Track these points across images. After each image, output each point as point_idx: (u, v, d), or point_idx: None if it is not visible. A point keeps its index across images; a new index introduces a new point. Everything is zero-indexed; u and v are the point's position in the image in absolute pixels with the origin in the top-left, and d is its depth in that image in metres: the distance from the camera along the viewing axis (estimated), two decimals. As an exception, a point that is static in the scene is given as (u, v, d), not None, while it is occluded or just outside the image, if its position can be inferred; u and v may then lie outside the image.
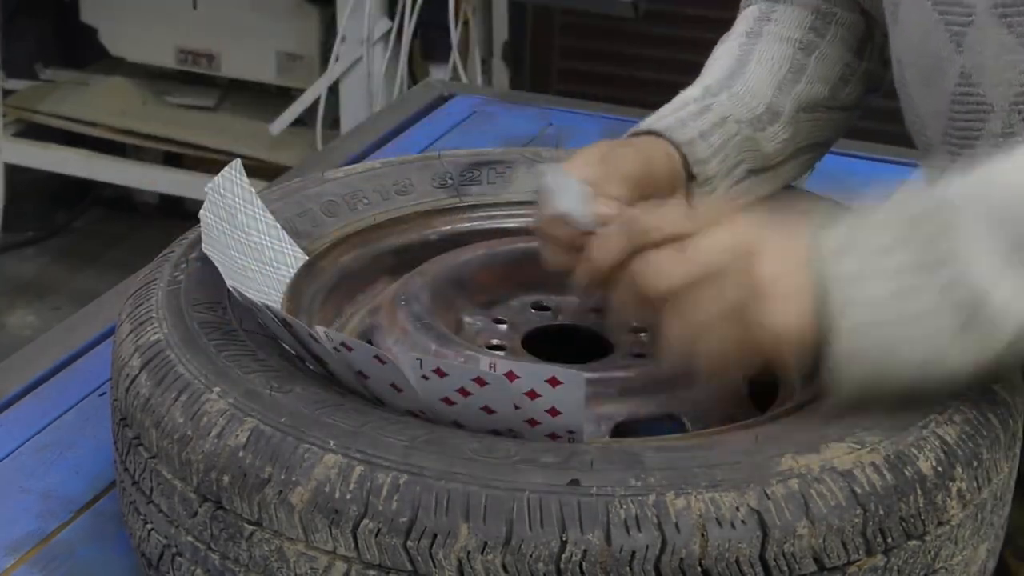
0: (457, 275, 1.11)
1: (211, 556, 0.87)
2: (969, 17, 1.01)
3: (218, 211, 1.08)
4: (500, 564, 0.79)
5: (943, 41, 1.03)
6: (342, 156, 1.76)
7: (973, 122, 1.03)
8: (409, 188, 1.22)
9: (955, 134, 1.05)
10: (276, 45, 3.44)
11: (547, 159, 1.26)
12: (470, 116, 1.91)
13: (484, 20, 3.30)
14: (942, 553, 0.87)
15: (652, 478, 0.82)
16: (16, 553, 1.03)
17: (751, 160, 1.15)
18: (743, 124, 1.14)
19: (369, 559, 0.81)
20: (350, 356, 0.88)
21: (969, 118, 1.03)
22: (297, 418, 0.86)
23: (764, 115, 1.16)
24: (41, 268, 3.72)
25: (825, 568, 0.82)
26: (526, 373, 0.84)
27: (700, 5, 3.23)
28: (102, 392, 1.23)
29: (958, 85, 1.03)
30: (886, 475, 0.84)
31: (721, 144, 1.12)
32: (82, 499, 1.10)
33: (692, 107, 1.14)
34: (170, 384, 0.91)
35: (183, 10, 3.49)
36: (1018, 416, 0.95)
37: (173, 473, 0.89)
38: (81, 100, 3.62)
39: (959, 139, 1.05)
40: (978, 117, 1.03)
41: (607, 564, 0.79)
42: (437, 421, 0.88)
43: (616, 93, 2.96)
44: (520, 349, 1.07)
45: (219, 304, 1.00)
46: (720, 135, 1.13)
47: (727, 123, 1.14)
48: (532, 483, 0.81)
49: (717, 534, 0.80)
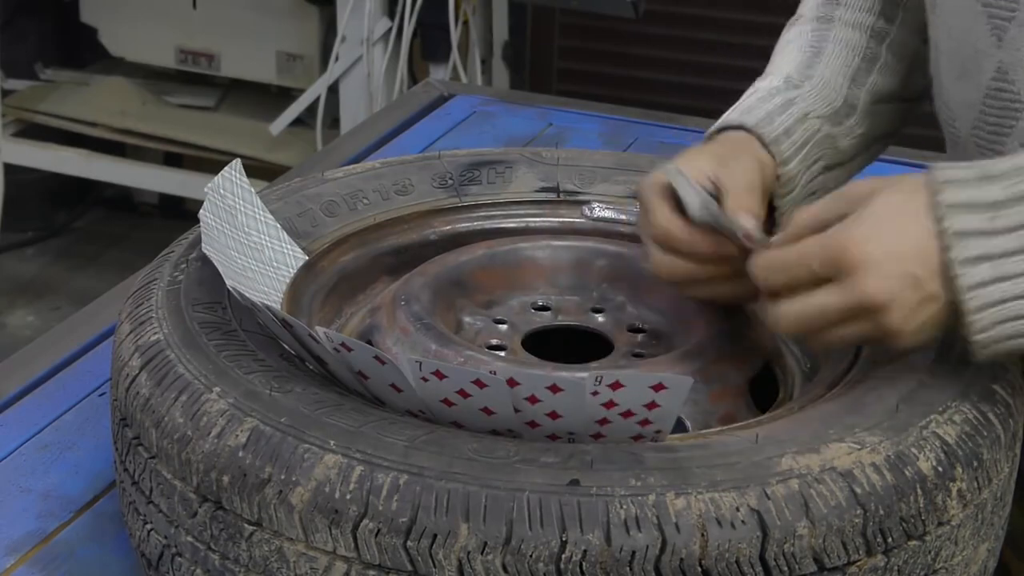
0: (457, 275, 1.11)
1: (211, 556, 0.87)
2: (1013, 12, 1.00)
3: (218, 211, 1.08)
4: (500, 564, 0.79)
5: (983, 34, 1.03)
6: (342, 156, 1.76)
7: (1005, 118, 1.03)
8: (409, 188, 1.22)
9: (985, 128, 1.05)
10: (276, 45, 3.44)
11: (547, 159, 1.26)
12: (470, 116, 1.91)
13: (484, 20, 3.30)
14: (942, 553, 0.87)
15: (652, 478, 0.82)
16: (16, 553, 1.03)
17: (828, 157, 1.14)
18: (823, 120, 1.14)
19: (369, 559, 0.81)
20: (350, 357, 0.88)
21: (1001, 114, 1.03)
22: (297, 418, 0.86)
23: (842, 109, 1.15)
24: (41, 268, 3.72)
25: (825, 568, 0.82)
26: (527, 380, 0.84)
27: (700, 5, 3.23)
28: (102, 392, 1.23)
29: (993, 79, 1.03)
30: (886, 475, 0.84)
31: (803, 142, 1.12)
32: (82, 499, 1.10)
33: (778, 100, 1.13)
34: (170, 384, 0.91)
35: (183, 10, 3.49)
36: (1018, 416, 0.95)
37: (173, 473, 0.89)
38: (81, 100, 3.62)
39: (989, 133, 1.04)
40: (1010, 114, 1.02)
41: (607, 564, 0.79)
42: (437, 421, 0.88)
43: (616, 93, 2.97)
44: (520, 349, 1.06)
45: (219, 304, 1.00)
46: (802, 132, 1.12)
47: (808, 119, 1.13)
48: (532, 483, 0.81)
49: (717, 534, 0.80)
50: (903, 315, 0.88)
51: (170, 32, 3.53)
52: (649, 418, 0.86)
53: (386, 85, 3.14)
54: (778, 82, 1.15)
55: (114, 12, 3.59)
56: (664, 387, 0.84)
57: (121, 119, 3.55)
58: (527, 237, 1.18)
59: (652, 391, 0.84)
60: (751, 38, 1.22)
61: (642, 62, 3.33)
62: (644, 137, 1.83)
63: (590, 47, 3.42)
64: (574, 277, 1.12)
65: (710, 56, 3.13)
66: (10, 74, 3.65)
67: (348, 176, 1.22)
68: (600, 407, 0.85)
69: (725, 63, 3.05)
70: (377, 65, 3.12)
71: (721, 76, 1.30)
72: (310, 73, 3.39)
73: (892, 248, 0.89)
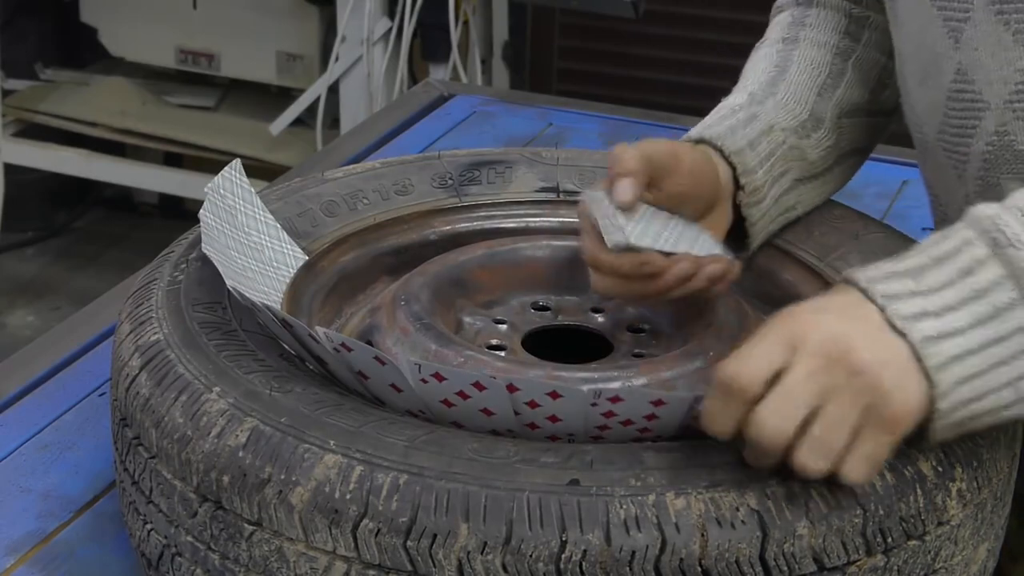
0: (457, 275, 1.11)
1: (211, 556, 0.87)
2: (967, 13, 1.01)
3: (218, 211, 1.08)
4: (500, 564, 0.79)
5: (940, 36, 1.03)
6: (342, 156, 1.76)
7: (967, 119, 1.03)
8: (409, 188, 1.22)
9: (950, 131, 1.05)
10: (276, 45, 3.44)
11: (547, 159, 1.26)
12: (470, 116, 1.92)
13: (484, 20, 3.30)
14: (942, 553, 0.87)
15: (652, 478, 0.82)
16: (16, 553, 1.03)
17: (797, 169, 1.14)
18: (788, 132, 1.14)
19: (369, 559, 0.81)
20: (350, 357, 0.88)
21: (964, 115, 1.03)
22: (297, 418, 0.86)
23: (808, 122, 1.15)
24: (41, 268, 3.72)
25: (825, 568, 0.82)
26: (526, 386, 0.84)
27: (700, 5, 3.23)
28: (102, 392, 1.23)
29: (954, 81, 1.03)
30: (886, 475, 0.84)
31: (768, 153, 1.12)
32: (82, 499, 1.10)
33: (740, 115, 1.14)
34: (170, 384, 0.91)
35: (183, 10, 3.49)
36: (1018, 416, 0.95)
37: (173, 473, 0.89)
38: (81, 100, 3.62)
39: (953, 135, 1.05)
40: (973, 114, 1.03)
41: (607, 564, 0.79)
42: (437, 421, 0.88)
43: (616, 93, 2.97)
44: (520, 349, 1.06)
45: (219, 304, 1.00)
46: (767, 144, 1.12)
47: (773, 131, 1.13)
48: (532, 483, 0.81)
49: (717, 534, 0.80)
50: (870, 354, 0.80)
51: (170, 32, 3.53)
52: (649, 427, 0.86)
53: (386, 85, 3.14)
54: (742, 99, 1.16)
55: (114, 12, 3.59)
56: (664, 403, 0.85)
57: (121, 119, 3.55)
58: (527, 237, 1.18)
59: (652, 405, 0.85)
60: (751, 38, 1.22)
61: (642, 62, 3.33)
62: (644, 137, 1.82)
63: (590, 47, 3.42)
64: (574, 277, 1.12)
65: (710, 56, 3.13)
66: (10, 74, 3.65)
67: (348, 176, 1.22)
68: (600, 416, 0.85)
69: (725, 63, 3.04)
70: (377, 65, 3.12)
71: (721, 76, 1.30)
72: (310, 73, 3.39)
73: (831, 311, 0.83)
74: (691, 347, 1.01)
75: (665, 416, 0.85)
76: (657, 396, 0.85)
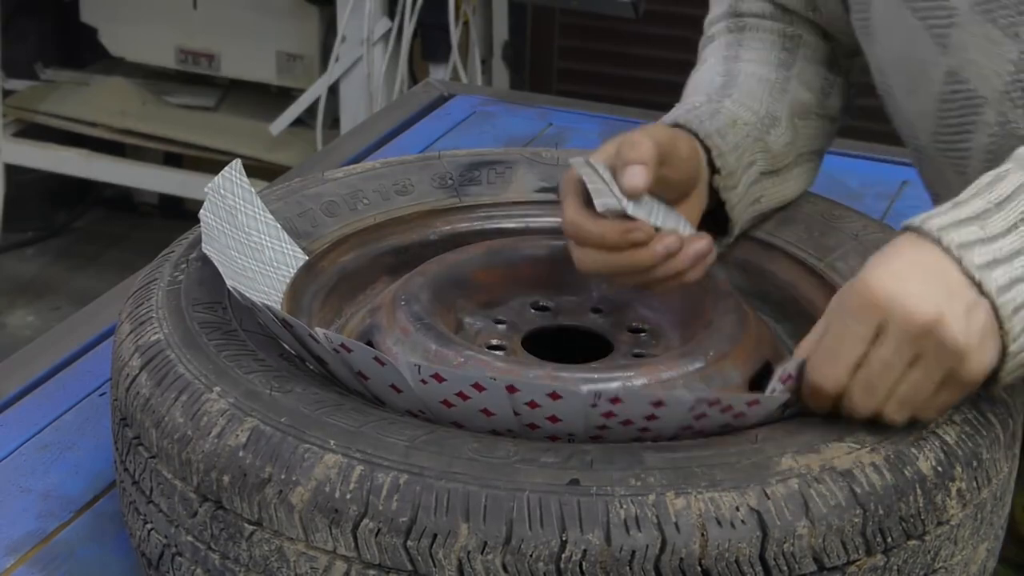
0: (457, 275, 1.11)
1: (211, 556, 0.87)
2: (951, 18, 1.02)
3: (218, 211, 1.08)
4: (500, 564, 0.79)
5: (927, 45, 1.04)
6: (342, 156, 1.76)
7: (965, 116, 1.04)
8: (409, 188, 1.22)
9: (946, 132, 1.06)
10: (276, 45, 3.44)
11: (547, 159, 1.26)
12: (470, 116, 1.91)
13: (484, 20, 3.30)
14: (942, 553, 0.87)
15: (652, 478, 0.82)
16: (16, 553, 1.03)
17: (763, 162, 1.14)
18: (751, 127, 1.14)
19: (369, 559, 0.81)
20: (350, 357, 0.88)
21: (960, 113, 1.04)
22: (297, 418, 0.86)
23: (766, 118, 1.16)
24: (41, 268, 3.72)
25: (825, 568, 0.82)
26: (526, 387, 0.84)
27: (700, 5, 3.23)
28: (102, 392, 1.23)
29: (945, 84, 1.04)
30: (886, 475, 0.84)
31: (736, 143, 1.12)
32: (82, 499, 1.10)
33: (704, 109, 1.14)
34: (170, 384, 0.91)
35: (183, 10, 3.49)
36: (1018, 416, 0.95)
37: (173, 473, 0.89)
38: (81, 100, 3.62)
39: (951, 135, 1.06)
40: (970, 111, 1.04)
41: (607, 564, 0.79)
42: (437, 421, 0.88)
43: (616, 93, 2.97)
44: (520, 349, 1.06)
45: (219, 304, 1.00)
46: (733, 134, 1.12)
47: (737, 124, 1.13)
48: (532, 483, 0.81)
49: (717, 534, 0.80)
50: (959, 327, 0.85)
51: (170, 32, 3.53)
52: (649, 427, 0.86)
53: (386, 85, 3.14)
54: (701, 99, 1.16)
55: (114, 12, 3.59)
56: (664, 403, 0.85)
57: (121, 119, 3.54)
58: (527, 237, 1.18)
59: (652, 406, 0.85)
60: (751, 38, 1.23)
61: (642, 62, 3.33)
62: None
63: (590, 47, 3.42)
64: (574, 277, 1.12)
65: (710, 56, 3.13)
66: (10, 74, 3.65)
67: (348, 176, 1.22)
68: (600, 416, 0.85)
69: (725, 63, 3.05)
70: (377, 65, 3.12)
71: (721, 76, 1.32)
72: (310, 73, 3.39)
73: (911, 277, 0.86)
74: (691, 347, 1.01)
75: (665, 416, 0.85)
76: (657, 396, 0.85)
